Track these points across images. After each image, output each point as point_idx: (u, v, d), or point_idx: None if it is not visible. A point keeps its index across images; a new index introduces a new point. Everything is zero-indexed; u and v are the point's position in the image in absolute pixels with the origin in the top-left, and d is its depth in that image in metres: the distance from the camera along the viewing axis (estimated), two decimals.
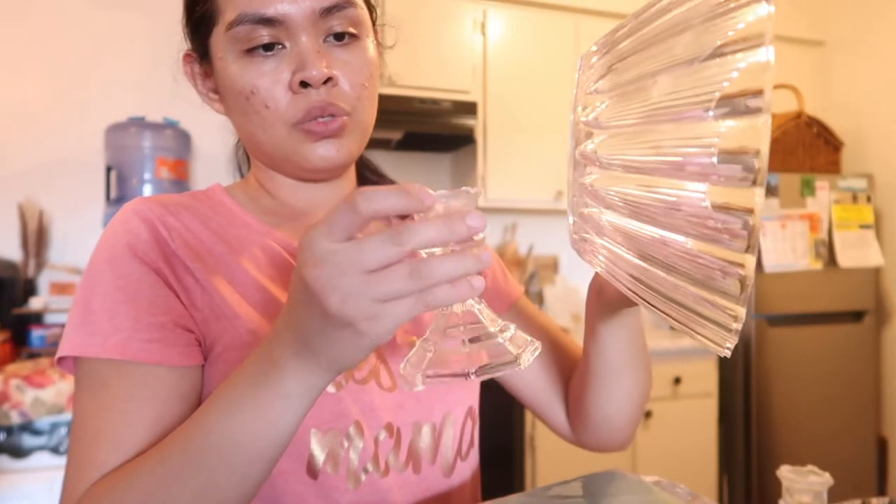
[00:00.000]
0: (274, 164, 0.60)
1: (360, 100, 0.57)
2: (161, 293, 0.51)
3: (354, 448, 0.54)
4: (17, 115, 2.24)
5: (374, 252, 0.33)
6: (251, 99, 0.54)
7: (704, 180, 0.32)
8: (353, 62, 0.56)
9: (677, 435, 2.35)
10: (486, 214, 0.33)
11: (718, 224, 0.31)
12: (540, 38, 2.53)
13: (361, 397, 0.55)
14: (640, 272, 0.38)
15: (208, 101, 0.62)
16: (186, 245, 0.54)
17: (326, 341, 0.36)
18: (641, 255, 0.37)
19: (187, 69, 0.62)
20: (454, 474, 0.61)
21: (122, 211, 0.55)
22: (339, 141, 0.56)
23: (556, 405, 0.71)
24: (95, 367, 0.49)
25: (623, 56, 0.38)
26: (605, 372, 0.61)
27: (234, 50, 0.54)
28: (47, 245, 2.24)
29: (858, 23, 2.88)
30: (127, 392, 0.48)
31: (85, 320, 0.50)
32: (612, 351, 0.59)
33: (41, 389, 1.70)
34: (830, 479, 0.44)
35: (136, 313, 0.49)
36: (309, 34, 0.54)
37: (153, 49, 2.37)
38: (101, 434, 0.47)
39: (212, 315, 0.52)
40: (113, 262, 0.51)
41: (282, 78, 0.54)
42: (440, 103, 2.32)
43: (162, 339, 0.49)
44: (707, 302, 0.34)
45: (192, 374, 0.51)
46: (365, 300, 0.33)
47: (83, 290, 0.51)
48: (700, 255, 0.33)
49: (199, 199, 0.60)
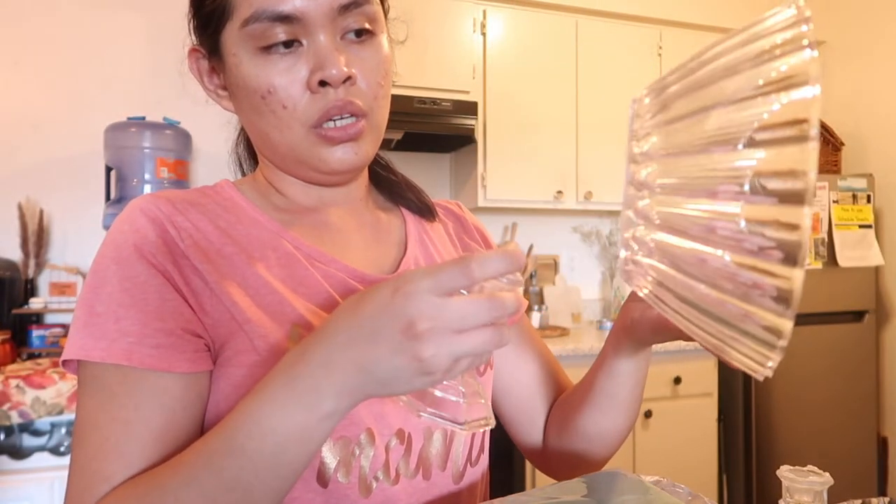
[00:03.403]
0: (286, 165, 0.58)
1: (377, 99, 0.56)
2: (169, 297, 0.50)
3: (366, 455, 0.53)
4: (17, 115, 2.24)
5: (474, 317, 0.37)
6: (267, 98, 0.53)
7: (748, 200, 0.34)
8: (369, 59, 0.55)
9: (677, 435, 2.35)
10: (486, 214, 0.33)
11: (766, 242, 0.34)
12: (540, 38, 2.53)
13: (373, 404, 0.54)
14: (687, 289, 0.40)
15: (216, 98, 0.60)
16: (196, 246, 0.52)
17: (395, 377, 0.38)
18: (688, 272, 0.39)
19: (193, 65, 0.60)
20: (464, 480, 0.60)
21: (129, 208, 0.53)
22: (357, 145, 0.55)
23: (537, 419, 0.72)
24: (100, 371, 0.48)
25: (674, 97, 0.41)
26: (612, 403, 0.63)
27: (249, 47, 0.53)
28: (47, 245, 2.24)
29: (858, 23, 2.88)
30: (133, 401, 0.47)
31: (89, 322, 0.48)
32: (625, 387, 0.62)
33: (41, 390, 1.70)
34: (830, 479, 0.44)
35: (143, 318, 0.48)
36: (327, 31, 0.52)
37: (153, 49, 2.37)
38: (107, 444, 0.46)
39: (221, 319, 0.51)
40: (119, 262, 0.50)
41: (299, 77, 0.52)
42: (440, 103, 2.32)
43: (170, 345, 0.48)
44: (751, 319, 0.35)
45: (200, 380, 0.50)
46: (451, 356, 0.37)
47: (88, 291, 0.50)
48: (743, 272, 0.35)
49: (208, 196, 0.58)
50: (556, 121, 2.56)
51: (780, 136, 0.33)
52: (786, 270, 0.32)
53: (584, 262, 2.98)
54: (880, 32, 2.79)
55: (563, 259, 2.92)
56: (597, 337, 2.46)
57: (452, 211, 0.76)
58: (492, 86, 2.46)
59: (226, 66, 0.56)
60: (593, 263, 3.00)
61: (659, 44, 2.70)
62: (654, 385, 2.31)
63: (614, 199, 2.67)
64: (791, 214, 0.32)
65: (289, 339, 0.51)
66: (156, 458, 0.47)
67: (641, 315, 0.56)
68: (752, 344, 0.36)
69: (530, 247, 2.74)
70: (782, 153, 0.33)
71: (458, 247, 0.71)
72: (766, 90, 0.34)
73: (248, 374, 0.50)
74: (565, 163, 2.57)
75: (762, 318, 0.34)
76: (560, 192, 2.54)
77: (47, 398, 1.70)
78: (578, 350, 2.21)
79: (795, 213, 0.32)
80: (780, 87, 0.33)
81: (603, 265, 3.00)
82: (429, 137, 2.39)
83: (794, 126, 0.32)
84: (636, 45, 2.67)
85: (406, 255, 0.64)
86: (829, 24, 2.98)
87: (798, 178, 0.32)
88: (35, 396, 1.69)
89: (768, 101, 0.33)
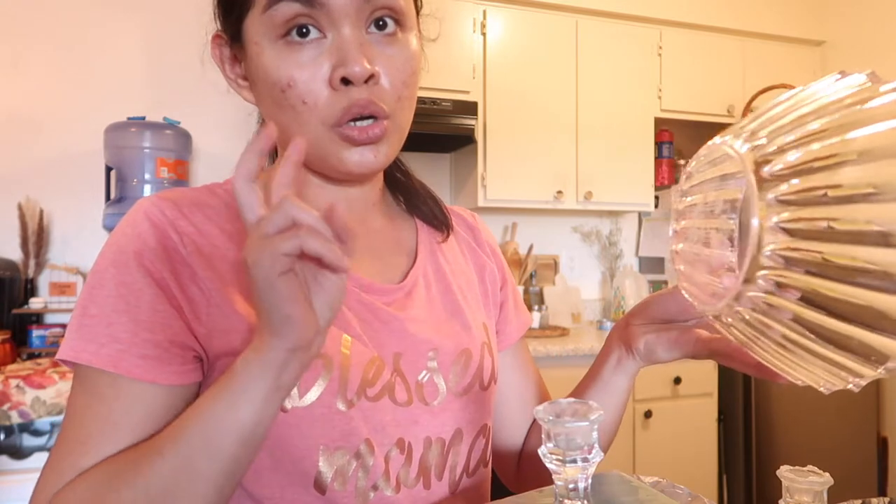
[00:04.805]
0: (305, 161, 0.56)
1: (401, 100, 0.54)
2: (160, 308, 0.49)
3: (364, 467, 0.53)
4: (17, 115, 2.24)
5: (273, 222, 0.37)
6: (287, 92, 0.51)
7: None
8: (395, 56, 0.53)
9: (677, 435, 2.35)
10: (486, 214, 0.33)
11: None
12: (540, 38, 2.53)
13: (372, 415, 0.54)
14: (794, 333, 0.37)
15: (236, 87, 0.58)
16: (199, 252, 0.52)
17: (265, 313, 0.39)
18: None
19: (215, 52, 0.58)
20: (458, 490, 0.59)
21: (133, 211, 0.53)
22: (377, 147, 0.54)
23: (518, 433, 0.72)
24: (91, 374, 0.48)
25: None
26: (605, 418, 0.64)
27: (271, 35, 0.51)
28: (47, 245, 2.24)
29: (858, 23, 2.88)
30: (123, 406, 0.48)
31: (82, 324, 0.49)
32: (620, 401, 0.63)
33: (41, 389, 1.70)
34: (830, 479, 0.44)
35: (133, 326, 0.48)
36: (352, 24, 0.51)
37: (153, 49, 2.37)
38: (90, 440, 0.47)
39: (218, 328, 0.50)
40: (118, 266, 0.50)
41: (321, 72, 0.51)
42: (440, 103, 2.32)
43: (156, 356, 0.48)
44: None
45: (186, 392, 0.51)
46: (263, 251, 0.37)
47: (85, 292, 0.50)
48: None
49: (217, 195, 0.57)
50: (556, 121, 2.56)
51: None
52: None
53: (584, 262, 2.98)
54: (880, 32, 2.79)
55: (563, 259, 2.92)
56: (597, 337, 2.46)
57: (467, 221, 0.74)
58: (492, 86, 2.46)
59: (247, 55, 0.54)
60: (593, 263, 2.99)
61: (659, 44, 2.70)
62: (654, 385, 2.31)
63: (614, 199, 2.67)
64: None
65: None
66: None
67: (657, 336, 0.57)
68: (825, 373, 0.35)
69: (530, 247, 2.74)
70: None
71: (469, 261, 0.70)
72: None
73: None
74: (565, 163, 2.57)
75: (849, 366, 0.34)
76: (560, 192, 2.54)
77: (47, 398, 1.70)
78: (578, 350, 2.21)
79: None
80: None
81: (603, 265, 3.00)
82: (429, 137, 2.39)
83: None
84: (636, 45, 2.67)
85: (415, 266, 0.63)
86: (829, 24, 2.98)
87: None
88: (35, 396, 1.69)
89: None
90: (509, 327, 0.72)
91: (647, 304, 0.59)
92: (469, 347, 0.62)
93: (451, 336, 0.61)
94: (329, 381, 0.52)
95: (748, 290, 0.36)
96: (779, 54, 2.91)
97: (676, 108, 2.73)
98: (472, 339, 0.62)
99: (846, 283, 0.31)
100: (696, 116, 2.77)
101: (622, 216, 3.02)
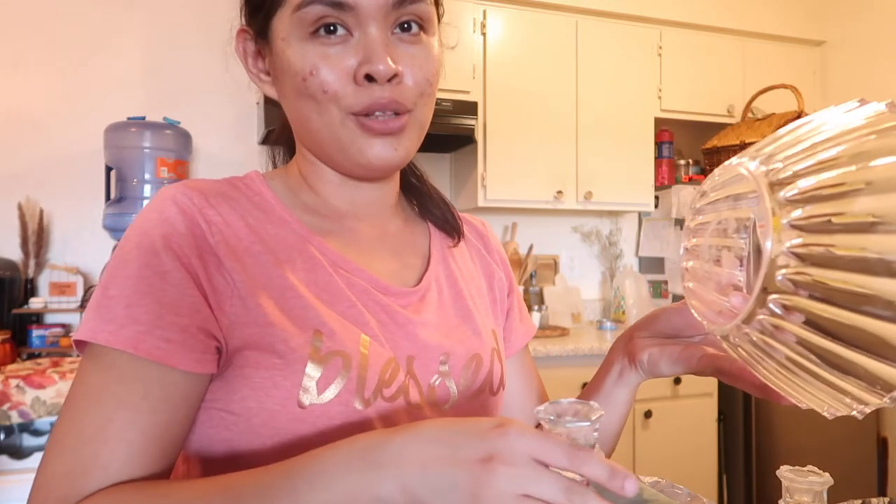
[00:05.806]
0: (325, 154, 0.57)
1: (423, 97, 0.55)
2: (189, 292, 0.49)
3: None
4: (17, 115, 2.24)
5: (547, 487, 0.35)
6: (308, 80, 0.52)
7: None
8: (418, 55, 0.54)
9: (677, 435, 2.35)
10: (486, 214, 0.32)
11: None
12: (540, 38, 2.53)
13: (388, 415, 0.54)
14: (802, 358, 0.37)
15: (258, 82, 0.59)
16: (225, 242, 0.52)
17: (447, 491, 0.37)
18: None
19: (239, 46, 0.59)
20: None
21: (160, 196, 0.52)
22: (398, 140, 0.54)
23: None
24: (108, 354, 0.47)
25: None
26: (606, 430, 0.65)
27: (300, 33, 0.52)
28: (47, 245, 2.24)
29: (858, 23, 2.88)
30: (143, 388, 0.46)
31: (100, 304, 0.48)
32: (621, 413, 0.64)
33: (41, 389, 1.70)
34: (830, 479, 0.44)
35: (158, 309, 0.47)
36: (379, 25, 0.52)
37: (153, 49, 2.37)
38: (110, 427, 0.45)
39: (240, 320, 0.50)
40: (143, 249, 0.49)
41: (346, 65, 0.52)
42: (440, 103, 2.32)
43: (181, 341, 0.47)
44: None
45: (201, 382, 0.50)
46: (507, 498, 0.35)
47: (107, 273, 0.49)
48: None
49: (238, 189, 0.57)
50: (556, 121, 2.56)
51: None
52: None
53: (583, 262, 2.98)
54: (880, 32, 2.79)
55: (563, 259, 2.92)
56: (596, 337, 2.46)
57: (477, 228, 0.75)
58: (492, 86, 2.46)
59: (273, 50, 0.55)
60: (593, 263, 2.99)
61: (659, 44, 2.70)
62: (654, 385, 2.31)
63: (614, 199, 2.67)
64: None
65: (310, 345, 0.51)
66: (155, 455, 0.46)
67: (661, 350, 0.58)
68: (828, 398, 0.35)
69: (530, 247, 2.74)
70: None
71: (478, 268, 0.71)
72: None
73: (267, 376, 0.49)
74: (565, 163, 2.57)
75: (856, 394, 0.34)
76: (560, 192, 2.54)
77: (47, 398, 1.70)
78: (578, 350, 2.21)
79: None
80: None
81: (603, 265, 3.00)
82: (429, 137, 2.36)
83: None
84: (636, 45, 2.67)
85: (428, 271, 0.64)
86: (829, 24, 2.98)
87: None
88: (35, 396, 1.69)
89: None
90: (514, 335, 0.73)
91: (653, 317, 0.60)
92: (479, 353, 0.62)
93: (462, 341, 0.61)
94: (347, 380, 0.52)
95: (758, 311, 0.36)
96: (779, 54, 2.91)
97: (676, 108, 2.73)
98: (483, 345, 0.63)
99: (853, 310, 0.32)
100: (696, 116, 2.77)
101: (622, 216, 3.02)
